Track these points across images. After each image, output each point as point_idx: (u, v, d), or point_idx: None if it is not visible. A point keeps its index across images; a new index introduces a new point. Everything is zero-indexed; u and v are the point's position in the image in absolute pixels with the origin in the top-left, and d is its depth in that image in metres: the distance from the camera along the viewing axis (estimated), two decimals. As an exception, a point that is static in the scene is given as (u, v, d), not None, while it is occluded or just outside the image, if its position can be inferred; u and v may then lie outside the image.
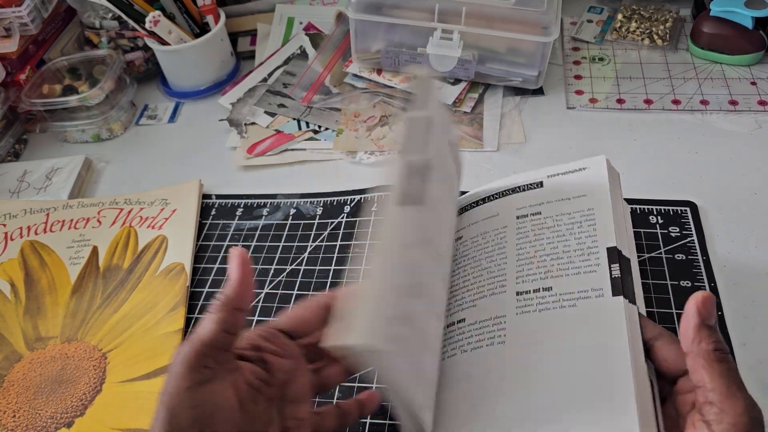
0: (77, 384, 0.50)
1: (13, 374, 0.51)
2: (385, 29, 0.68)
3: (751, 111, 0.64)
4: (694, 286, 0.49)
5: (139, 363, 0.51)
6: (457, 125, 0.67)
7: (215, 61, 0.77)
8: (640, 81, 0.69)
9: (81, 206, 0.64)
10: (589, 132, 0.65)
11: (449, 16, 0.65)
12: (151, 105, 0.79)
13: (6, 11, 0.73)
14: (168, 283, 0.56)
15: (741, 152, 0.60)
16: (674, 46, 0.73)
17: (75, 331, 0.54)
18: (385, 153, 0.66)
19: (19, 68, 0.75)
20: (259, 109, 0.73)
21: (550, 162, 0.62)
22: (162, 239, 0.60)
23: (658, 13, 0.76)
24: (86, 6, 0.79)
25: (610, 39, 0.75)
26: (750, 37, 0.67)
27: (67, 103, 0.71)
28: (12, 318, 0.55)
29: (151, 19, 0.70)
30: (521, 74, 0.68)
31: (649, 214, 0.55)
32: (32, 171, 0.70)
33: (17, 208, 0.65)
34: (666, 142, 0.62)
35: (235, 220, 0.61)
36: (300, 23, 0.83)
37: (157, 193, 0.64)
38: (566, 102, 0.68)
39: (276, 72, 0.77)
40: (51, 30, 0.80)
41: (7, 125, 0.75)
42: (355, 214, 0.60)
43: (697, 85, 0.67)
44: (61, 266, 0.59)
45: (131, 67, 0.81)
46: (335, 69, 0.75)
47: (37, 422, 0.48)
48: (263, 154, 0.68)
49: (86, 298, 0.56)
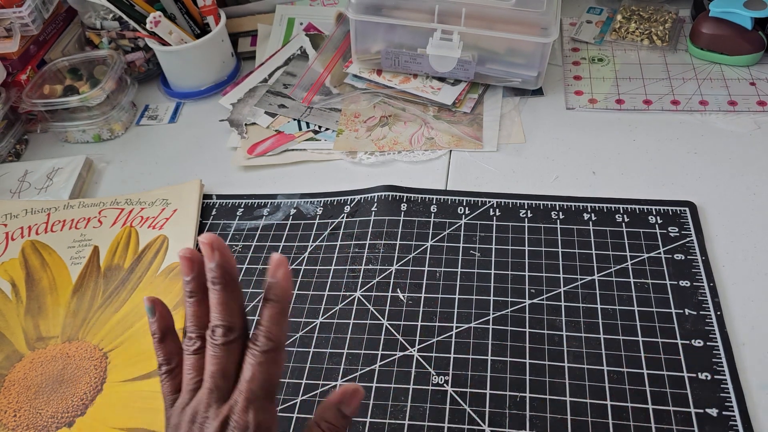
0: (78, 383, 0.50)
1: (14, 374, 0.51)
2: (385, 30, 0.68)
3: (750, 111, 0.64)
4: (693, 285, 0.49)
5: (139, 363, 0.51)
6: (456, 125, 0.67)
7: (216, 62, 0.78)
8: (639, 81, 0.69)
9: (82, 206, 0.64)
10: (589, 132, 0.65)
11: (449, 17, 0.65)
12: (151, 105, 0.79)
13: (7, 11, 0.73)
14: (169, 283, 0.56)
15: (740, 152, 0.60)
16: (673, 47, 0.73)
17: (76, 331, 0.54)
18: (385, 153, 0.66)
19: (20, 68, 0.76)
20: (260, 110, 0.73)
21: (549, 162, 0.62)
22: (163, 239, 0.60)
23: (658, 14, 0.76)
24: (87, 6, 0.80)
25: (609, 40, 0.75)
26: (749, 38, 0.67)
27: (68, 104, 0.72)
28: (13, 318, 0.55)
29: (152, 19, 0.71)
30: (521, 75, 0.68)
31: (649, 214, 0.55)
32: (33, 171, 0.71)
33: (18, 208, 0.65)
34: (665, 142, 0.62)
35: (235, 220, 0.62)
36: (300, 24, 0.83)
37: (157, 193, 0.65)
38: (566, 102, 0.69)
39: (276, 72, 0.77)
40: (52, 30, 0.80)
41: (8, 125, 0.75)
42: (355, 214, 0.60)
43: (697, 86, 0.68)
44: (62, 266, 0.59)
45: (132, 67, 0.81)
46: (335, 69, 0.75)
47: (37, 422, 0.48)
48: (264, 155, 0.68)
49: (87, 297, 0.56)
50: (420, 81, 0.71)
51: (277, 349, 0.34)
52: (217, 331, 0.35)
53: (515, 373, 0.46)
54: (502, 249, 0.54)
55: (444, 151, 0.65)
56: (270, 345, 0.34)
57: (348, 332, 0.50)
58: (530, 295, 0.51)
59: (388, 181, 0.62)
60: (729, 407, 0.42)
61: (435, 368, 0.47)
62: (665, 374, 0.45)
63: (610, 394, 0.44)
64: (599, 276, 0.51)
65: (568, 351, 0.47)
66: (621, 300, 0.49)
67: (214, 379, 0.34)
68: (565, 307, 0.50)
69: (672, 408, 0.43)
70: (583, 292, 0.50)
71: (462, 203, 0.59)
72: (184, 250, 0.37)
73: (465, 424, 0.44)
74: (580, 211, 0.56)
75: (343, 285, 0.54)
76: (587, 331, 0.48)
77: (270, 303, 0.34)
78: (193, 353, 0.36)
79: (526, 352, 0.47)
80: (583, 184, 0.59)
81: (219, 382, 0.34)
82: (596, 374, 0.45)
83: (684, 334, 0.47)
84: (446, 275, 0.53)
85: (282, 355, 0.35)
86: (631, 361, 0.46)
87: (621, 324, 0.48)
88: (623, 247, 0.53)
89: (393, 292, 0.53)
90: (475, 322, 0.50)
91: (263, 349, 0.34)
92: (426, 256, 0.55)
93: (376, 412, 0.45)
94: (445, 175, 0.63)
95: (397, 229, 0.57)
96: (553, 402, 0.44)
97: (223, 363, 0.34)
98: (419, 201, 0.60)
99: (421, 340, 0.49)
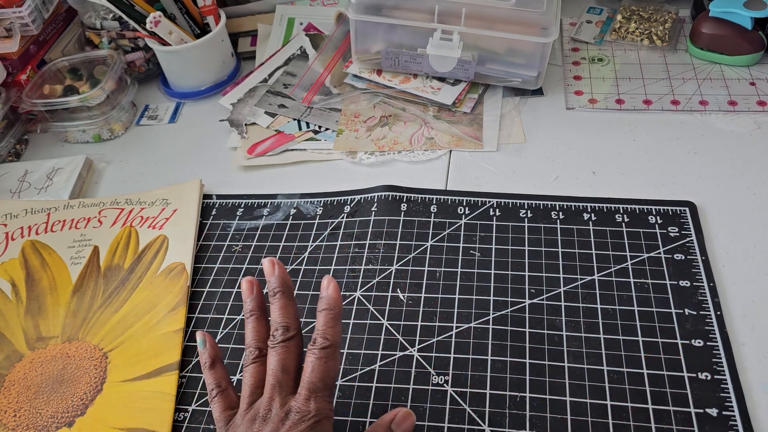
0: (78, 383, 0.50)
1: (14, 374, 0.51)
2: (385, 30, 0.68)
3: (750, 111, 0.64)
4: (693, 285, 0.49)
5: (140, 362, 0.51)
6: (456, 125, 0.67)
7: (216, 62, 0.78)
8: (639, 81, 0.69)
9: (82, 206, 0.64)
10: (589, 132, 0.65)
11: (449, 17, 0.65)
12: (151, 105, 0.79)
13: (7, 11, 0.73)
14: (169, 282, 0.56)
15: (740, 152, 0.60)
16: (673, 47, 0.73)
17: (76, 331, 0.54)
18: (385, 153, 0.66)
19: (20, 68, 0.76)
20: (260, 110, 0.73)
21: (549, 162, 0.62)
22: (163, 239, 0.60)
23: (658, 14, 0.76)
24: (87, 6, 0.80)
25: (609, 40, 0.75)
26: (749, 38, 0.67)
27: (67, 104, 0.72)
28: (13, 317, 0.55)
29: (152, 19, 0.71)
30: (521, 75, 0.68)
31: (648, 214, 0.55)
32: (33, 171, 0.71)
33: (18, 207, 0.65)
34: (665, 142, 0.62)
35: (235, 220, 0.62)
36: (300, 24, 0.83)
37: (157, 193, 0.65)
38: (566, 102, 0.69)
39: (276, 72, 0.77)
40: (52, 30, 0.80)
41: (8, 125, 0.75)
42: (355, 214, 0.60)
43: (697, 86, 0.68)
44: (62, 266, 0.59)
45: (132, 67, 0.81)
46: (335, 69, 0.75)
47: (38, 421, 0.48)
48: (264, 155, 0.68)
49: (87, 297, 0.56)
50: (420, 81, 0.71)
51: (334, 348, 0.39)
52: (278, 331, 0.41)
53: (515, 373, 0.46)
54: (502, 249, 0.54)
55: (444, 151, 0.65)
56: (327, 343, 0.39)
57: (348, 332, 0.50)
58: (530, 295, 0.51)
59: (388, 181, 0.62)
60: (729, 407, 0.42)
61: (435, 368, 0.47)
62: (665, 374, 0.45)
63: (610, 394, 0.44)
64: (599, 276, 0.51)
65: (568, 351, 0.47)
66: (621, 300, 0.49)
67: (276, 374, 0.39)
68: (565, 307, 0.50)
69: (672, 408, 0.43)
70: (583, 292, 0.50)
71: (462, 203, 0.59)
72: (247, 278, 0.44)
73: (465, 424, 0.44)
74: (580, 211, 0.56)
75: (343, 285, 0.54)
76: (587, 331, 0.48)
77: (324, 311, 0.40)
78: (252, 362, 0.41)
79: (526, 352, 0.47)
80: (583, 184, 0.59)
81: (280, 376, 0.39)
82: (596, 374, 0.45)
83: (684, 334, 0.47)
84: (446, 275, 0.53)
85: (337, 353, 0.40)
86: (631, 361, 0.46)
87: (621, 324, 0.48)
88: (623, 247, 0.53)
89: (393, 292, 0.53)
90: (475, 322, 0.50)
91: (321, 347, 0.39)
92: (426, 256, 0.55)
93: (376, 412, 0.45)
94: (445, 175, 0.63)
95: (397, 229, 0.57)
96: (553, 402, 0.44)
97: (283, 359, 0.40)
98: (419, 201, 0.60)
99: (421, 340, 0.49)
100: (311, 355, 0.39)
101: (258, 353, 0.41)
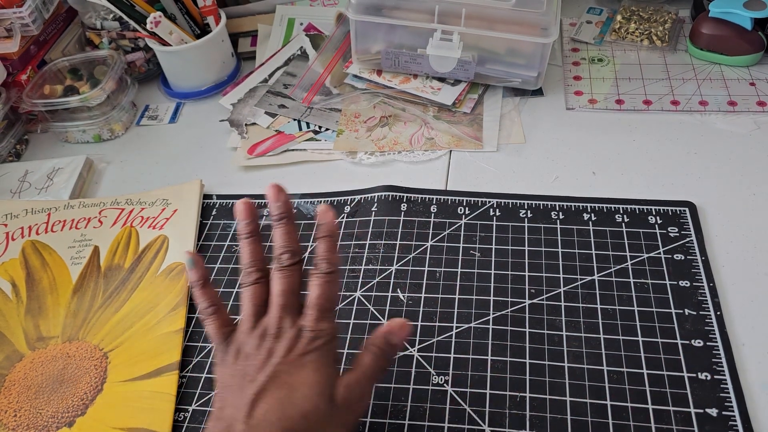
0: (78, 383, 0.50)
1: (14, 374, 0.52)
2: (386, 30, 0.68)
3: (749, 111, 0.64)
4: (693, 285, 0.49)
5: (140, 362, 0.51)
6: (456, 126, 0.67)
7: (216, 62, 0.78)
8: (639, 82, 0.69)
9: (82, 206, 0.64)
10: (589, 133, 0.65)
11: (449, 18, 0.65)
12: (152, 105, 0.79)
13: (7, 12, 0.73)
14: (169, 283, 0.56)
15: (740, 152, 0.60)
16: (673, 47, 0.73)
17: (76, 331, 0.54)
18: (385, 153, 0.66)
19: (20, 69, 0.76)
20: (260, 110, 0.73)
21: (549, 162, 0.63)
22: (163, 239, 0.60)
23: (657, 14, 0.76)
24: (87, 7, 0.80)
25: (609, 40, 0.75)
26: (749, 38, 0.67)
27: (68, 104, 0.72)
28: (13, 317, 0.55)
29: (152, 20, 0.71)
30: (521, 75, 0.68)
31: (648, 214, 0.55)
32: (33, 171, 0.71)
33: (18, 208, 0.65)
34: (665, 142, 0.62)
35: (235, 220, 0.62)
36: (300, 24, 0.83)
37: (158, 193, 0.65)
38: (566, 103, 0.69)
39: (276, 73, 0.77)
40: (52, 30, 0.80)
41: (8, 125, 0.75)
42: (355, 214, 0.60)
43: (696, 86, 0.68)
44: (63, 266, 0.59)
45: (132, 67, 0.81)
46: (335, 70, 0.75)
47: (38, 421, 0.48)
48: (264, 155, 0.68)
49: (87, 297, 0.56)
50: (420, 81, 0.71)
51: (335, 272, 0.41)
52: (284, 256, 0.41)
53: (515, 373, 0.46)
54: (502, 249, 0.54)
55: (444, 151, 0.65)
56: (330, 268, 0.41)
57: (348, 332, 0.50)
58: (530, 295, 0.51)
59: (388, 181, 0.62)
60: (729, 407, 0.43)
61: (435, 368, 0.47)
62: (665, 374, 0.45)
63: (610, 394, 0.44)
64: (599, 276, 0.51)
65: (568, 351, 0.47)
66: (621, 300, 0.49)
67: (285, 296, 0.40)
68: (565, 307, 0.50)
69: (672, 408, 0.43)
70: (583, 292, 0.50)
71: (462, 203, 0.59)
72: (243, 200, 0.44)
73: (465, 424, 0.44)
74: (579, 211, 0.56)
75: (343, 285, 0.54)
76: (587, 331, 0.48)
77: (324, 238, 0.41)
78: (252, 284, 0.42)
79: (526, 352, 0.47)
80: (583, 184, 0.59)
81: (290, 298, 0.40)
82: (596, 374, 0.45)
83: (684, 334, 0.47)
84: (446, 275, 0.53)
85: (339, 277, 0.41)
86: (631, 361, 0.46)
87: (621, 324, 0.48)
88: (623, 247, 0.53)
89: (393, 292, 0.53)
90: (475, 322, 0.50)
91: (325, 271, 0.40)
92: (426, 256, 0.55)
93: (376, 412, 0.45)
94: (445, 175, 0.63)
95: (397, 229, 0.57)
96: (553, 402, 0.44)
97: (291, 282, 0.41)
98: (419, 201, 0.60)
99: (421, 340, 0.49)
100: (316, 278, 0.40)
101: (260, 275, 0.42)
